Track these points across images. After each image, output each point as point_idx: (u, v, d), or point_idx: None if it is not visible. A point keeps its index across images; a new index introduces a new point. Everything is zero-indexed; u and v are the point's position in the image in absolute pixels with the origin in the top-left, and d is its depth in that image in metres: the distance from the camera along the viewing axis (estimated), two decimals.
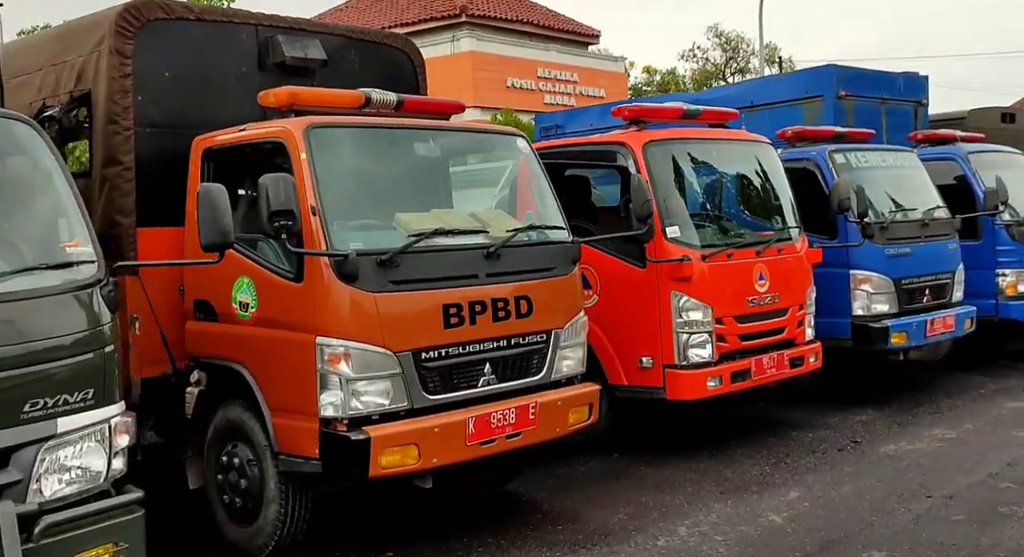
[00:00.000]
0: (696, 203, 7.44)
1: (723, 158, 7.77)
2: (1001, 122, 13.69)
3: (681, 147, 7.33)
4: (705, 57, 39.83)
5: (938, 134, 10.85)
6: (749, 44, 38.19)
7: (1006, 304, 10.14)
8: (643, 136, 7.10)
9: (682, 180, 7.35)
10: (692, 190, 7.42)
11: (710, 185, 7.53)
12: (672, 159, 7.22)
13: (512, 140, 6.13)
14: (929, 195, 9.57)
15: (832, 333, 8.66)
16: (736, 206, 7.77)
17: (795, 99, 11.46)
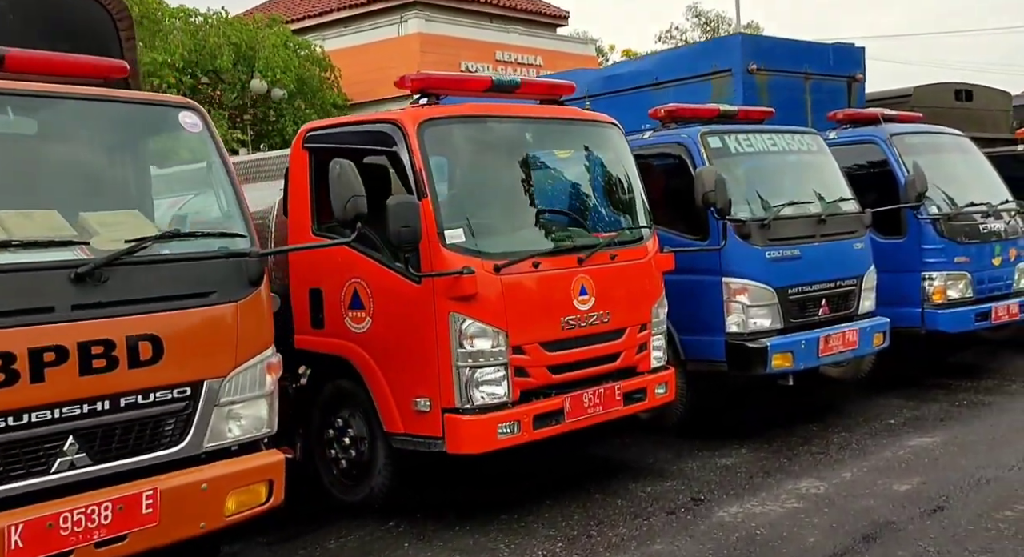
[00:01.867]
0: (494, 199, 5.65)
1: (542, 142, 5.99)
2: (955, 100, 11.84)
3: (477, 128, 5.51)
4: (684, 38, 37.54)
5: (860, 113, 9.03)
6: (730, 24, 35.96)
7: (933, 313, 8.34)
8: (422, 113, 5.28)
9: (476, 169, 5.62)
10: (489, 182, 5.65)
11: (517, 176, 5.71)
12: (459, 142, 5.45)
13: None
14: (834, 186, 7.76)
15: (705, 354, 6.93)
16: (559, 202, 5.97)
17: (701, 74, 9.65)
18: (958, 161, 9.27)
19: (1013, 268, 8.96)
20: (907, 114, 9.60)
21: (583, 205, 6.06)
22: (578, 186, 6.08)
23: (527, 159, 5.77)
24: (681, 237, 6.94)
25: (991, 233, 8.73)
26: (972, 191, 9.07)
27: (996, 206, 8.94)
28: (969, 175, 9.28)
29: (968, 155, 9.41)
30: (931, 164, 8.84)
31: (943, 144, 9.16)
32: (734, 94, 9.30)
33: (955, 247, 8.38)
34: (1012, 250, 8.97)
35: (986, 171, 9.43)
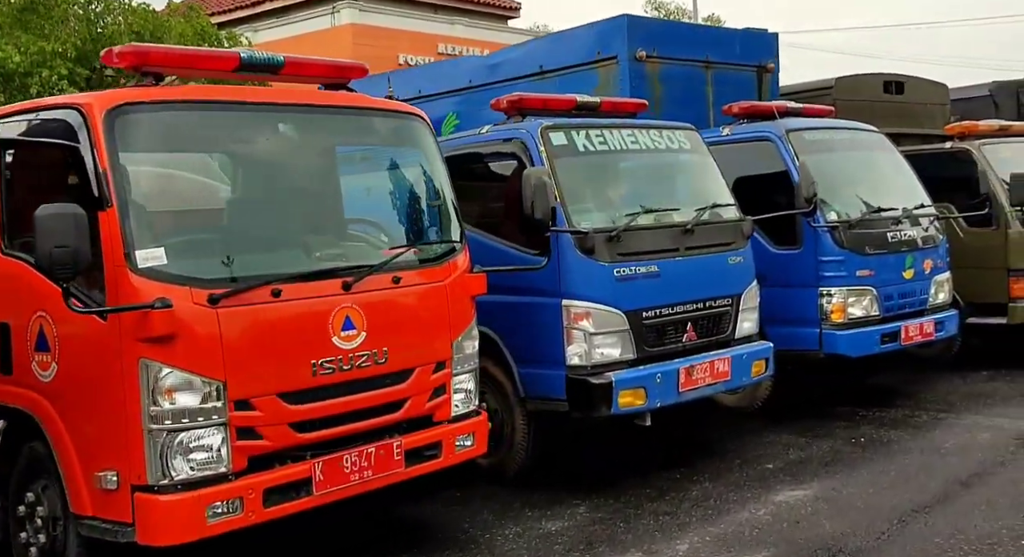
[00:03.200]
0: (225, 208, 4.35)
1: (308, 135, 4.59)
2: (884, 92, 10.61)
3: (199, 116, 4.09)
4: None
5: (757, 106, 7.82)
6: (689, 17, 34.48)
7: (831, 334, 7.10)
8: (117, 96, 3.92)
9: (197, 169, 4.32)
10: (217, 186, 4.38)
11: (263, 178, 4.39)
12: (172, 135, 4.06)
13: None
14: (710, 189, 6.46)
15: (544, 391, 5.67)
16: (326, 211, 4.63)
17: (586, 62, 8.40)
18: (869, 160, 8.03)
19: (928, 281, 7.75)
20: (816, 107, 8.38)
21: (364, 215, 4.78)
22: (359, 191, 4.82)
23: (281, 156, 4.43)
24: (521, 252, 5.70)
25: (902, 242, 7.51)
26: (883, 194, 7.83)
27: (910, 211, 7.77)
28: (881, 176, 8.05)
29: (883, 154, 8.17)
30: (835, 164, 7.67)
31: (851, 141, 7.92)
32: (620, 85, 8.08)
33: (857, 258, 7.14)
34: (927, 261, 7.77)
35: (902, 172, 8.20)
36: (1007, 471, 5.69)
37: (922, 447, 6.29)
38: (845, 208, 7.35)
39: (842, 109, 9.84)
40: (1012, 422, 6.79)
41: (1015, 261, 8.78)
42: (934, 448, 6.23)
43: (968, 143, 9.28)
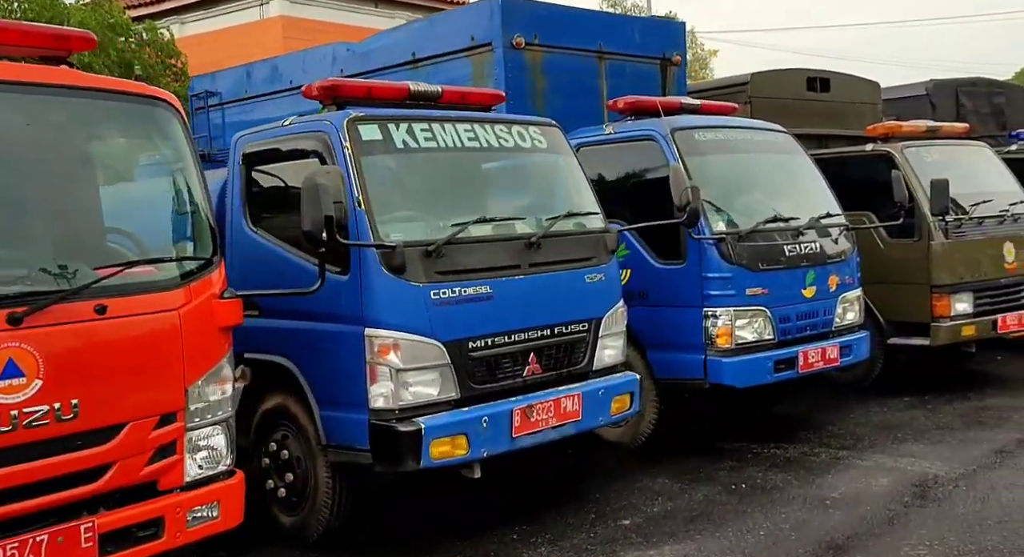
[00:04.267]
0: None
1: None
2: (807, 89, 9.66)
3: None
4: None
5: (642, 102, 6.83)
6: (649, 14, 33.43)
7: (716, 361, 6.12)
8: None
9: None
10: None
11: None
12: None
13: None
14: (569, 195, 5.48)
15: (346, 439, 4.57)
16: (34, 220, 3.64)
17: (459, 50, 7.36)
18: (771, 164, 7.05)
19: (834, 300, 6.77)
20: (716, 104, 7.41)
21: (54, 227, 3.70)
22: (64, 195, 3.77)
23: None
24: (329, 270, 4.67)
25: (802, 256, 6.52)
26: (785, 202, 6.84)
27: (815, 221, 6.81)
28: (785, 182, 7.07)
29: (788, 157, 7.18)
30: (729, 167, 6.69)
31: (751, 142, 6.92)
32: (495, 75, 7.07)
33: (748, 275, 6.13)
34: (833, 277, 6.80)
35: (810, 177, 7.24)
36: (890, 533, 4.69)
37: (807, 496, 5.32)
38: (738, 217, 6.39)
39: (758, 107, 8.95)
40: (916, 464, 5.85)
41: (938, 276, 7.86)
42: (820, 498, 5.26)
43: (891, 146, 8.36)
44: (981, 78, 11.92)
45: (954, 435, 6.59)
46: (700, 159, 6.40)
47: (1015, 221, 8.47)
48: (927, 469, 5.74)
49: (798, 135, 9.13)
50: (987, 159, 8.95)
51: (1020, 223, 8.51)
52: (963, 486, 5.38)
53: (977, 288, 8.03)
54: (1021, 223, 8.52)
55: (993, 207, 8.43)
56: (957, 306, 7.90)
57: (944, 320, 7.83)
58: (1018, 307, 8.33)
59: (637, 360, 6.37)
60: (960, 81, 11.62)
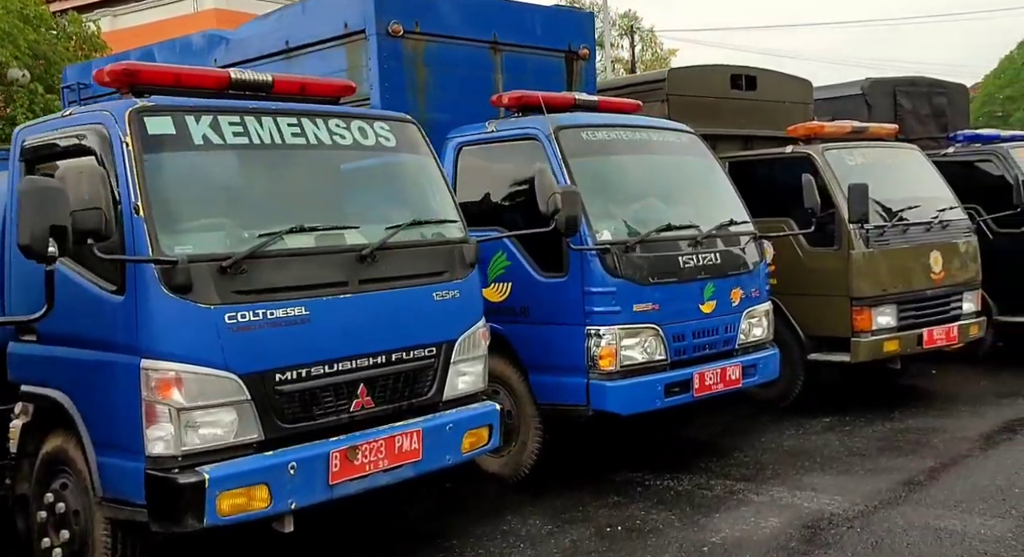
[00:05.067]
0: None
1: None
2: (732, 87, 9.01)
3: None
4: None
5: (527, 97, 6.10)
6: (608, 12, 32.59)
7: (599, 385, 5.42)
8: None
9: None
10: None
11: None
12: None
13: None
14: (418, 200, 4.75)
15: (123, 491, 3.76)
16: None
17: (333, 38, 6.62)
18: (672, 166, 6.36)
19: (737, 315, 6.09)
20: (617, 101, 6.73)
21: None
22: None
23: None
24: (96, 286, 3.88)
25: (700, 267, 5.84)
26: (686, 208, 6.19)
27: (715, 229, 6.14)
28: (687, 186, 6.41)
29: (693, 159, 6.51)
30: (621, 170, 6.04)
31: (649, 143, 6.19)
32: (370, 67, 6.34)
33: (636, 289, 5.44)
34: (736, 290, 6.12)
35: (717, 181, 6.60)
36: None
37: (684, 541, 4.63)
38: (629, 225, 5.73)
39: (676, 106, 8.28)
40: (815, 499, 5.19)
41: (858, 288, 7.23)
42: (698, 544, 4.58)
43: (811, 147, 7.73)
44: (921, 77, 11.33)
45: (864, 463, 5.97)
46: (587, 160, 5.72)
47: (944, 228, 7.87)
48: (824, 506, 5.08)
49: (721, 136, 8.65)
50: (917, 162, 8.35)
51: (949, 230, 7.92)
52: (858, 527, 4.73)
53: (902, 300, 7.41)
54: (951, 230, 7.95)
55: (921, 213, 7.85)
56: (879, 320, 7.29)
57: (865, 335, 7.21)
58: (947, 320, 7.77)
59: (519, 383, 5.70)
60: (898, 80, 11.01)
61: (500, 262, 5.71)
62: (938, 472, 5.70)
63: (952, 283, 7.78)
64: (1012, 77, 30.49)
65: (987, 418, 7.08)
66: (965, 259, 8.01)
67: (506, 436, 5.76)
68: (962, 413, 7.29)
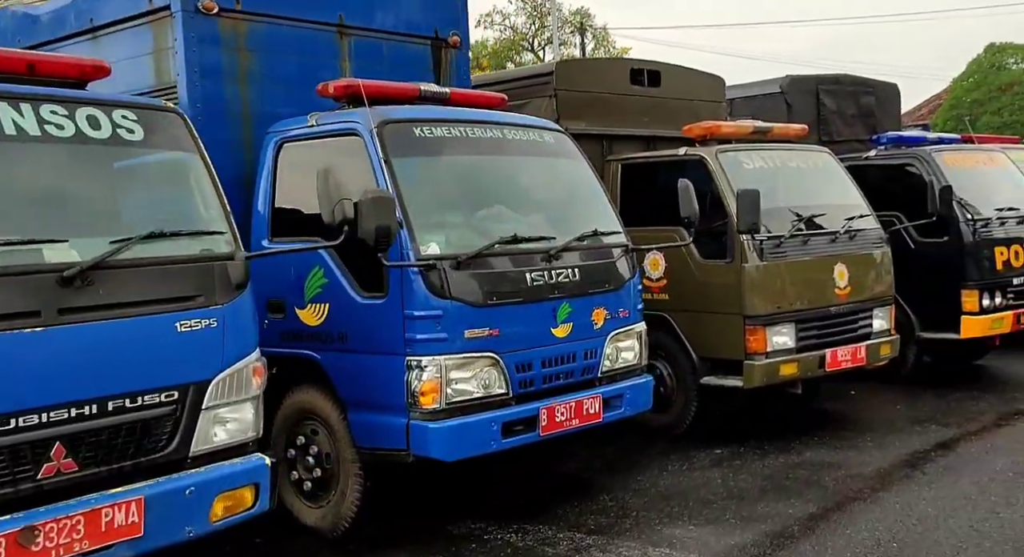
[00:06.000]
0: None
1: None
2: (632, 83, 8.15)
3: None
4: (507, 23, 33.23)
5: (353, 85, 5.19)
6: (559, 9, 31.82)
7: (421, 426, 4.50)
8: None
9: None
10: None
11: None
12: None
13: None
14: (166, 207, 3.87)
15: None
16: None
17: (138, 15, 5.67)
18: (527, 169, 5.49)
19: (600, 340, 5.23)
20: (475, 94, 5.84)
21: None
22: None
23: None
24: None
25: (552, 285, 4.96)
26: (541, 216, 5.35)
27: (579, 240, 5.29)
28: (544, 192, 5.51)
29: (556, 161, 5.60)
30: (461, 172, 5.17)
31: (499, 142, 5.26)
32: (175, 48, 5.41)
33: (468, 312, 4.55)
34: (599, 310, 5.26)
35: (583, 186, 5.71)
36: None
37: None
38: (467, 237, 4.84)
39: (566, 102, 7.43)
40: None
41: (751, 305, 6.43)
42: None
43: (704, 149, 6.93)
44: (846, 75, 10.54)
45: (740, 508, 5.15)
46: (419, 161, 4.86)
47: (852, 238, 7.09)
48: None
49: (619, 136, 7.82)
50: (827, 166, 7.55)
51: (858, 241, 7.15)
52: None
53: (801, 318, 6.61)
54: (860, 241, 7.17)
55: (827, 222, 7.08)
56: (775, 340, 6.48)
57: (759, 357, 6.39)
58: (854, 339, 7.00)
59: (338, 422, 4.81)
60: (821, 78, 10.22)
61: (317, 279, 4.82)
62: (817, 521, 4.89)
63: (860, 298, 7.01)
64: (979, 81, 30.02)
65: (891, 450, 6.31)
66: (876, 272, 7.24)
67: (324, 484, 4.91)
68: (866, 444, 6.52)
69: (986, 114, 28.86)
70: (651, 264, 6.93)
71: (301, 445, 4.94)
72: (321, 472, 4.86)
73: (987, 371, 9.26)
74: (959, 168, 8.82)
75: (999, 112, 28.67)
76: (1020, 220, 8.85)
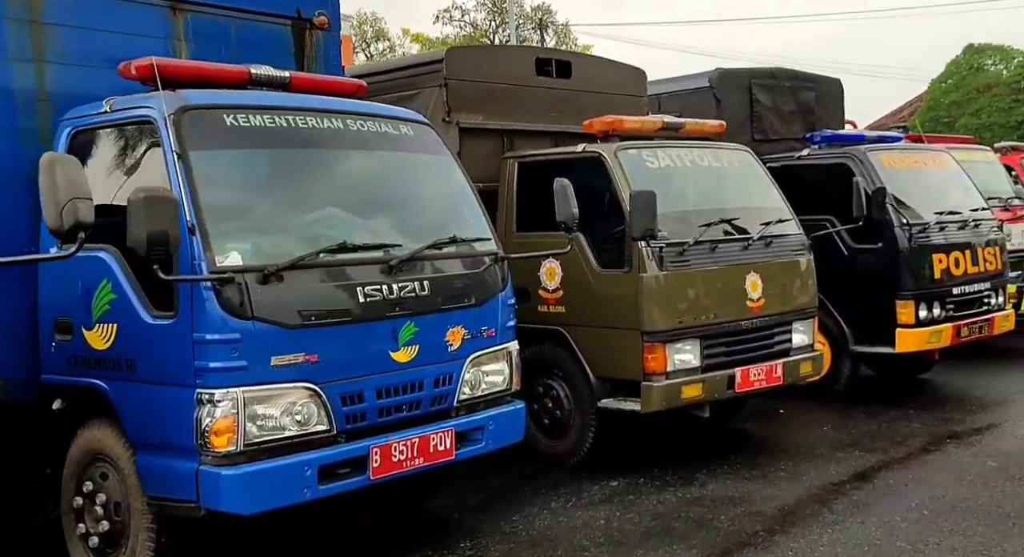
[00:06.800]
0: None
1: None
2: (537, 73, 7.37)
3: None
4: (466, 19, 32.43)
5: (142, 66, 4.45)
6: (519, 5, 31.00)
7: (212, 474, 3.66)
8: None
9: None
10: None
11: None
12: None
13: None
14: None
15: None
16: None
17: None
18: (375, 166, 4.70)
19: (457, 364, 4.47)
20: (323, 79, 5.06)
21: None
22: None
23: None
24: None
25: (391, 302, 4.19)
26: (386, 220, 4.58)
27: (431, 247, 4.54)
28: (394, 193, 4.75)
29: (413, 157, 4.82)
30: (283, 168, 4.40)
31: (336, 135, 4.43)
32: None
33: (275, 334, 3.77)
34: (455, 331, 4.46)
35: (446, 185, 4.96)
36: None
37: None
38: (286, 244, 4.09)
39: (459, 93, 6.66)
40: None
41: (650, 319, 5.72)
42: None
43: (604, 146, 6.22)
44: (784, 69, 9.81)
45: None
46: (226, 155, 4.10)
47: (768, 245, 6.36)
48: None
49: (521, 131, 7.08)
50: (744, 166, 6.82)
51: (775, 248, 6.44)
52: None
53: (708, 334, 5.90)
54: (777, 248, 6.47)
55: (740, 226, 6.37)
56: (676, 359, 5.76)
57: (658, 378, 5.67)
58: (769, 356, 6.29)
59: (128, 464, 4.01)
60: (755, 71, 9.49)
61: (105, 295, 4.03)
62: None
63: (777, 311, 6.30)
64: (957, 82, 29.54)
65: (803, 482, 5.63)
66: (796, 282, 6.53)
67: (113, 539, 4.12)
68: (778, 474, 5.83)
69: (964, 115, 28.41)
70: (547, 273, 6.21)
71: (89, 492, 4.17)
72: (110, 525, 4.07)
73: (930, 386, 8.62)
74: (897, 169, 8.18)
75: (977, 114, 28.16)
76: (962, 225, 8.27)
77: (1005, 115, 27.91)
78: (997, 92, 28.30)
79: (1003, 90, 28.10)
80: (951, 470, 5.79)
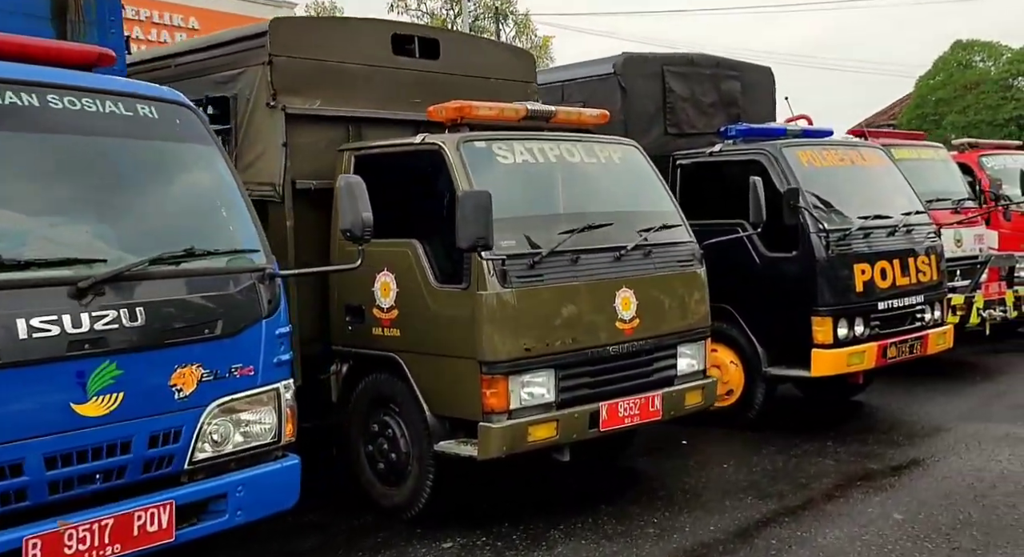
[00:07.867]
0: None
1: None
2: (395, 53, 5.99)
3: None
4: (422, 8, 31.19)
5: None
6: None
7: None
8: None
9: None
10: None
11: None
12: None
13: None
14: None
15: None
16: None
17: None
18: (81, 158, 3.56)
19: (190, 415, 3.35)
20: (46, 44, 4.03)
21: None
22: None
23: None
24: None
25: (74, 339, 3.05)
26: (84, 227, 3.49)
27: (155, 262, 3.45)
28: (109, 191, 3.62)
29: (148, 145, 3.67)
30: None
31: (37, 117, 3.54)
32: None
33: None
34: (187, 371, 3.33)
35: (203, 184, 3.89)
36: None
37: None
38: None
39: (288, 73, 5.49)
40: None
41: (490, 347, 4.64)
42: None
43: (445, 137, 5.15)
44: (704, 55, 8.73)
45: None
46: None
47: (647, 256, 5.31)
48: None
49: (371, 119, 5.96)
50: (627, 162, 5.73)
51: (656, 259, 5.39)
52: None
53: (565, 363, 4.85)
54: (659, 258, 5.41)
55: (614, 233, 5.34)
56: (524, 393, 4.68)
57: (499, 417, 4.60)
58: (644, 387, 5.25)
59: None
60: (670, 57, 8.38)
61: None
62: None
63: (656, 333, 5.23)
64: (945, 79, 28.66)
65: (671, 542, 4.57)
66: (683, 298, 5.46)
67: None
68: (647, 530, 4.77)
69: (951, 113, 27.55)
70: (381, 288, 5.13)
71: None
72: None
73: (862, 410, 7.61)
74: (817, 166, 7.14)
75: (964, 111, 27.27)
76: (892, 230, 7.27)
77: (992, 112, 27.03)
78: (985, 89, 27.48)
79: (991, 87, 27.30)
80: (848, 525, 4.77)
